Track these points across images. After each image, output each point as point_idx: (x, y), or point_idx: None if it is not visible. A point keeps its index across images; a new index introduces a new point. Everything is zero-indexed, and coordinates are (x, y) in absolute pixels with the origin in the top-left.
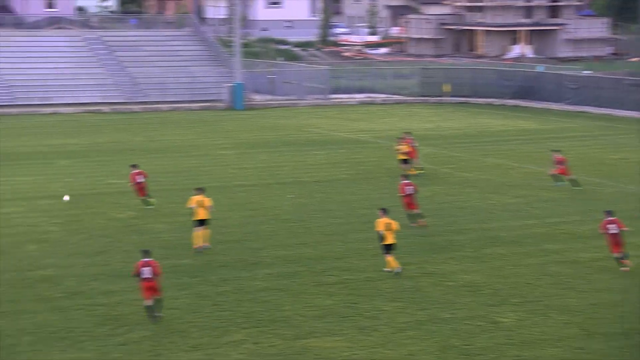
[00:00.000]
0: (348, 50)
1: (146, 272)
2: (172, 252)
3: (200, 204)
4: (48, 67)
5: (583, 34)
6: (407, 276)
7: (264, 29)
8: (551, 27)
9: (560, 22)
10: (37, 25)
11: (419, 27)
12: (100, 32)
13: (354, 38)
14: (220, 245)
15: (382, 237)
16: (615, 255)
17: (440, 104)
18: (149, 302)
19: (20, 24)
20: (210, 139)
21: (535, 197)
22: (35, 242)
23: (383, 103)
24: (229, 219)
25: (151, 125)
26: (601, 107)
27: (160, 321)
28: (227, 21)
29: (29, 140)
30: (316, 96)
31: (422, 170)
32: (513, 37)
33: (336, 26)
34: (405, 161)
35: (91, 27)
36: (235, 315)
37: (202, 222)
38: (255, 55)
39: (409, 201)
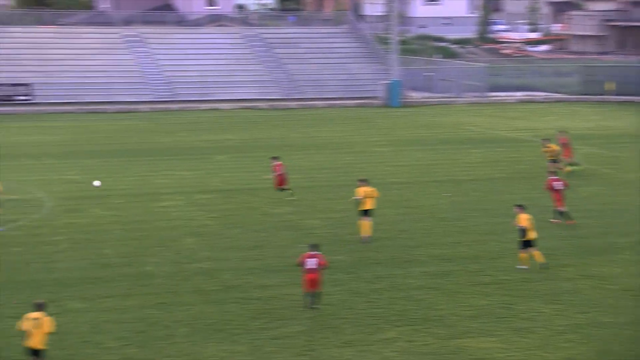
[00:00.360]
0: (507, 48)
1: (311, 263)
2: (327, 249)
3: (366, 195)
4: (207, 63)
5: None
6: (565, 278)
7: (422, 26)
8: None
9: None
10: (198, 22)
11: (582, 23)
12: (259, 30)
13: (513, 35)
14: (375, 243)
15: (523, 233)
16: None
17: (603, 102)
18: (308, 293)
19: (182, 21)
20: (365, 136)
21: None
22: (192, 236)
23: (543, 101)
24: (383, 216)
25: (307, 122)
26: None
27: (316, 312)
28: (384, 18)
29: (187, 135)
30: (474, 94)
31: (578, 166)
32: None
33: (495, 23)
34: (554, 160)
35: (250, 25)
36: (388, 312)
37: (366, 213)
38: (413, 52)
39: (558, 197)
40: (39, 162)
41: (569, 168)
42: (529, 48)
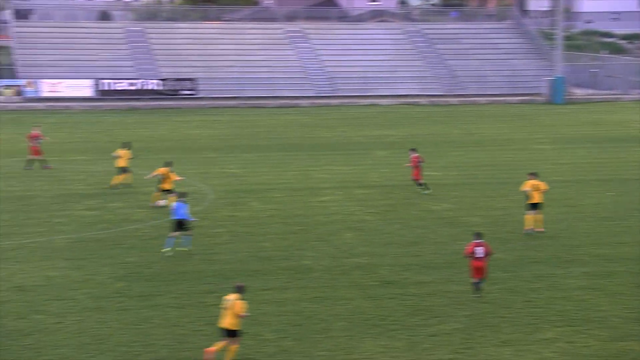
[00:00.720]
0: None
1: (479, 251)
2: None
3: (535, 188)
4: (369, 59)
5: None
6: None
7: (588, 21)
8: None
9: None
10: (360, 18)
11: None
12: (421, 25)
13: None
14: (535, 241)
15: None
16: None
17: None
18: (476, 280)
19: (344, 17)
20: (527, 133)
21: None
22: (351, 230)
23: None
24: (545, 214)
25: (468, 118)
26: None
27: (474, 310)
28: (549, 13)
29: (348, 130)
30: None
31: None
32: None
33: None
34: None
35: (412, 20)
36: (547, 312)
37: (534, 206)
38: (578, 48)
39: None
40: (201, 156)
41: None
42: None
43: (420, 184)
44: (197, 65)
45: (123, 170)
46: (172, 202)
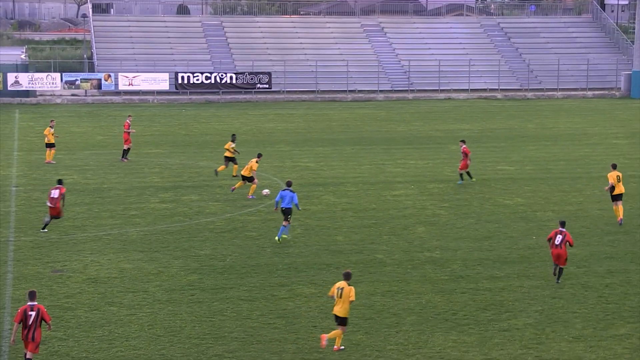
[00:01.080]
0: None
1: (558, 239)
2: None
3: (617, 179)
4: (445, 53)
5: None
6: None
7: None
8: None
9: None
10: (437, 12)
11: None
12: (498, 19)
13: None
14: (609, 237)
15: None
16: None
17: None
18: (555, 266)
19: (421, 11)
20: (603, 127)
21: None
22: (424, 225)
23: None
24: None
25: (544, 113)
26: None
27: (546, 306)
28: (628, 7)
29: (422, 124)
30: None
31: None
32: None
33: None
34: None
35: (489, 14)
36: (621, 308)
37: (618, 197)
38: None
39: None
40: (275, 149)
41: None
42: None
43: (463, 175)
44: (273, 59)
45: (229, 160)
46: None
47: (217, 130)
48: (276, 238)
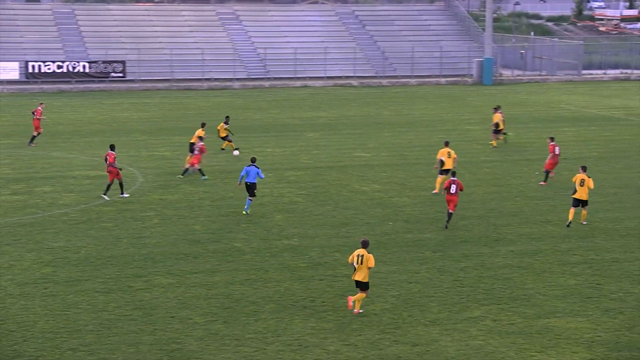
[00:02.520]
0: (604, 25)
1: (453, 188)
2: (415, 226)
3: (445, 155)
4: (300, 41)
5: None
6: None
7: (517, 3)
8: None
9: None
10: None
11: None
12: (353, 7)
13: (610, 12)
14: (463, 221)
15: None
16: None
17: None
18: (450, 212)
19: None
20: (457, 114)
21: None
22: (281, 212)
23: (639, 79)
24: (473, 194)
25: (399, 100)
26: None
27: (402, 290)
28: None
29: (279, 112)
30: (568, 72)
31: None
32: None
33: (593, 0)
34: None
35: (344, 2)
36: (475, 291)
37: (445, 172)
38: (506, 30)
39: None
40: (130, 138)
41: None
42: (627, 25)
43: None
44: (127, 48)
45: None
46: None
47: (70, 120)
48: (243, 212)
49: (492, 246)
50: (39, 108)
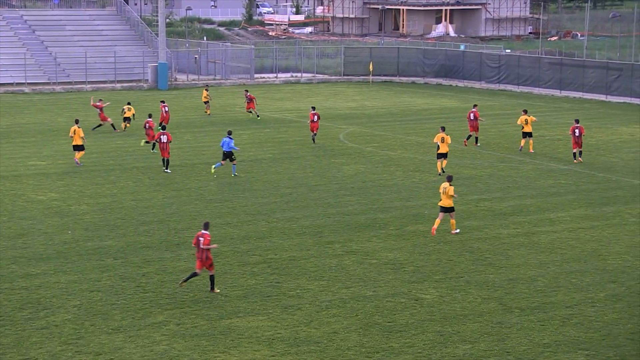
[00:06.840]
0: (273, 30)
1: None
2: (95, 234)
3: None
4: None
5: (504, 13)
6: (331, 255)
7: (189, 8)
8: (474, 7)
9: (482, 1)
10: None
11: (344, 6)
12: (21, 11)
13: (279, 17)
14: (144, 227)
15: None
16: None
17: (364, 82)
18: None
19: None
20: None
21: (457, 174)
22: None
23: (308, 82)
24: (152, 199)
25: (73, 106)
26: (520, 85)
27: (84, 300)
28: (152, 0)
29: None
30: (241, 75)
31: None
32: (436, 16)
33: (262, 5)
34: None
35: (11, 6)
36: (158, 296)
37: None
38: (180, 34)
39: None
40: None
41: None
42: (294, 30)
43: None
44: None
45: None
46: None
47: None
48: (212, 170)
49: (174, 250)
50: None
